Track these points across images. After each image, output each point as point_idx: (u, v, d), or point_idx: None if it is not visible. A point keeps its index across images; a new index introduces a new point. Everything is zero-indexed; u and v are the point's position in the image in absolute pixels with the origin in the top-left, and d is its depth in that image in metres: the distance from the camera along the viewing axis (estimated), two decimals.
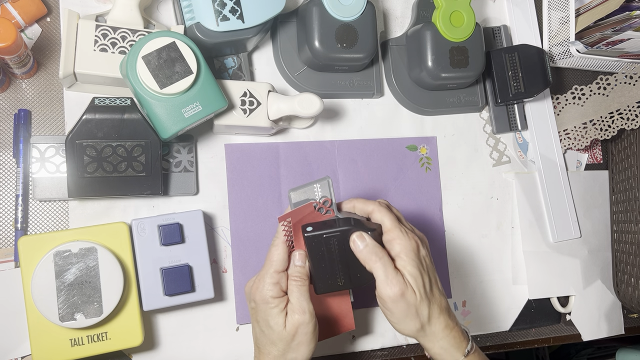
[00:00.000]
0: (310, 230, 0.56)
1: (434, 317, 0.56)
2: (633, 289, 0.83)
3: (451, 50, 0.74)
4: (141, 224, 0.63)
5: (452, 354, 0.57)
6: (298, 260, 0.57)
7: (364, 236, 0.55)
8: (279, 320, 0.55)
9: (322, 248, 0.57)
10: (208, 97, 0.62)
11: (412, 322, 0.56)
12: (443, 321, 0.57)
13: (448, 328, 0.57)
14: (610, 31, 0.83)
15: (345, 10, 0.70)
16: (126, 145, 0.62)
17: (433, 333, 0.57)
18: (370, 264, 0.55)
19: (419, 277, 0.55)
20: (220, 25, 0.64)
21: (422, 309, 0.56)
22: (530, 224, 0.83)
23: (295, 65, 0.75)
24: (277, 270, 0.56)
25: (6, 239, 0.64)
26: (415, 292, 0.55)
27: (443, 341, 0.57)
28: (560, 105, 0.86)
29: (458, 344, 0.57)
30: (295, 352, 0.56)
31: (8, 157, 0.65)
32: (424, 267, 0.57)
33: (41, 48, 0.67)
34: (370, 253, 0.55)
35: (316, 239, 0.56)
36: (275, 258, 0.56)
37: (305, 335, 0.55)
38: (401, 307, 0.55)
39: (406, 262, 0.55)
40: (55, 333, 0.59)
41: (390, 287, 0.54)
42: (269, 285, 0.56)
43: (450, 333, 0.57)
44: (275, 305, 0.55)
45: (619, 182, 0.88)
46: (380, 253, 0.55)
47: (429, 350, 0.58)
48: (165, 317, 0.68)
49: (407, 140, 0.80)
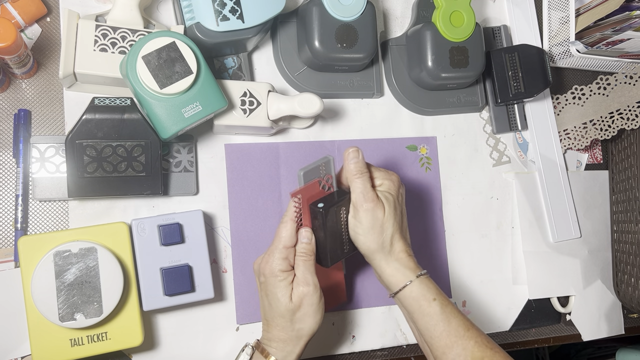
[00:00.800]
0: (322, 206, 0.61)
1: (395, 238, 0.61)
2: (633, 289, 0.83)
3: (451, 50, 0.74)
4: (141, 224, 0.63)
5: (404, 274, 0.61)
6: (304, 237, 0.60)
7: (358, 152, 0.61)
8: (286, 292, 0.59)
9: (333, 220, 0.62)
10: (208, 97, 0.62)
11: (375, 236, 0.60)
12: (402, 246, 0.62)
13: (405, 252, 0.62)
14: (610, 31, 0.83)
15: (345, 10, 0.70)
16: (126, 145, 0.62)
17: (391, 253, 0.61)
18: (354, 177, 0.61)
19: (391, 201, 0.61)
20: (220, 25, 0.64)
21: (387, 227, 0.60)
22: (530, 224, 0.83)
23: (295, 65, 0.75)
24: (285, 246, 0.59)
25: (6, 239, 0.64)
26: (385, 211, 0.60)
27: (397, 263, 0.61)
28: (560, 105, 0.86)
29: (412, 267, 0.61)
30: (302, 322, 0.59)
31: (8, 157, 0.65)
32: (399, 199, 0.63)
33: (41, 48, 0.67)
34: (358, 167, 0.61)
35: (330, 213, 0.61)
36: (284, 234, 0.59)
37: (311, 307, 0.58)
38: (369, 218, 0.60)
39: (384, 189, 0.62)
40: (55, 333, 0.59)
41: (365, 198, 0.60)
42: (278, 259, 0.59)
43: (406, 257, 0.62)
44: (284, 279, 0.59)
45: (619, 182, 0.88)
46: (364, 170, 0.61)
47: (383, 271, 0.62)
48: (165, 317, 0.68)
49: (407, 140, 0.80)
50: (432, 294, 0.60)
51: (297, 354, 0.60)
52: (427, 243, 0.79)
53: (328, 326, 0.73)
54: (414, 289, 0.60)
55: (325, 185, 0.61)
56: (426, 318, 0.60)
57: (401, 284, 0.61)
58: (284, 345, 0.59)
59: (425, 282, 0.61)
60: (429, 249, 0.79)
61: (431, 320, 0.59)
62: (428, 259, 0.79)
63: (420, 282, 0.60)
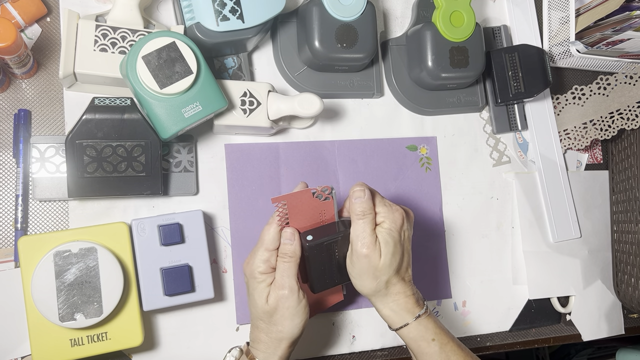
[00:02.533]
0: (311, 239, 0.59)
1: (391, 284, 0.60)
2: (633, 289, 0.83)
3: (451, 50, 0.74)
4: (141, 224, 0.63)
5: (401, 316, 0.60)
6: (286, 239, 0.58)
7: (364, 191, 0.58)
8: (263, 294, 0.58)
9: (322, 254, 0.60)
10: (208, 97, 0.62)
11: (368, 282, 0.59)
12: (399, 288, 0.60)
13: (402, 294, 0.60)
14: (610, 31, 0.83)
15: (345, 10, 0.70)
16: (126, 145, 0.62)
17: (386, 295, 0.60)
18: (357, 218, 0.58)
19: (391, 245, 0.58)
20: (220, 25, 0.64)
21: (383, 274, 0.59)
22: (530, 224, 0.83)
23: (295, 65, 0.75)
24: (267, 249, 0.58)
25: (6, 239, 0.64)
26: (381, 258, 0.58)
27: (393, 304, 0.60)
28: (560, 105, 0.86)
29: (410, 309, 0.60)
30: (280, 325, 0.58)
31: (8, 157, 0.65)
32: (401, 239, 0.60)
33: (41, 48, 0.67)
34: (362, 207, 0.58)
35: (317, 247, 0.60)
36: (266, 237, 0.59)
37: (287, 310, 0.57)
38: (363, 264, 0.58)
39: (385, 230, 0.59)
40: (55, 333, 0.59)
41: (362, 244, 0.58)
42: (258, 261, 0.59)
43: (404, 299, 0.60)
44: (262, 280, 0.58)
45: (619, 182, 0.88)
46: (368, 211, 0.58)
47: (379, 311, 0.61)
48: (165, 317, 0.68)
49: (407, 140, 0.80)
50: (431, 334, 0.60)
51: (279, 356, 0.59)
52: (427, 243, 0.79)
53: (328, 326, 0.74)
54: (412, 330, 0.60)
55: (321, 195, 0.59)
56: (425, 357, 0.60)
57: (398, 325, 0.60)
58: (266, 347, 0.59)
59: (423, 322, 0.60)
60: (429, 249, 0.79)
61: (430, 358, 0.60)
62: (428, 259, 0.79)
63: (418, 323, 0.60)
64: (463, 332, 0.79)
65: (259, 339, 0.59)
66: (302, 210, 0.59)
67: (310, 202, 0.59)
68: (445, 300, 0.79)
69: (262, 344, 0.59)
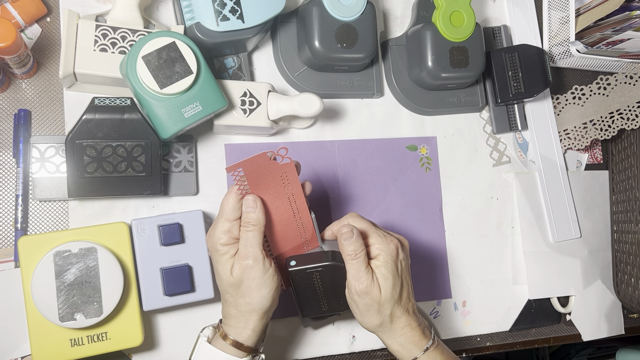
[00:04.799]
0: (294, 264, 0.59)
1: (395, 316, 0.59)
2: (633, 289, 0.83)
3: (451, 50, 0.74)
4: (141, 224, 0.63)
5: (410, 350, 0.59)
6: (248, 207, 0.56)
7: (352, 232, 0.57)
8: (227, 266, 0.56)
9: (305, 280, 0.60)
10: (208, 97, 0.62)
11: (373, 318, 0.58)
12: (405, 321, 0.59)
13: (408, 327, 0.59)
14: (610, 31, 0.83)
15: (345, 10, 0.70)
16: (126, 145, 0.62)
17: (392, 330, 0.59)
18: (349, 258, 0.58)
19: (389, 278, 0.58)
20: (220, 25, 0.64)
21: (386, 308, 0.58)
22: (530, 224, 0.83)
23: (295, 65, 0.75)
24: (228, 219, 0.56)
25: (6, 239, 0.64)
26: (381, 292, 0.57)
27: (401, 338, 0.59)
28: (560, 105, 0.86)
29: (417, 342, 0.59)
30: (247, 296, 0.56)
31: (8, 157, 0.65)
32: (398, 270, 0.59)
33: (41, 48, 0.67)
34: (353, 247, 0.57)
35: (299, 273, 0.60)
36: (226, 207, 0.57)
37: (253, 280, 0.55)
38: (365, 302, 0.58)
39: (381, 263, 0.58)
40: (55, 333, 0.59)
41: (359, 283, 0.57)
42: (219, 233, 0.57)
43: (410, 332, 0.59)
44: (225, 252, 0.57)
45: (619, 182, 0.88)
46: (359, 249, 0.57)
47: (388, 346, 0.61)
48: (165, 317, 0.68)
49: (407, 140, 0.80)
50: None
51: (251, 329, 0.57)
52: (427, 243, 0.79)
53: (328, 326, 0.73)
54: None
55: (279, 157, 0.56)
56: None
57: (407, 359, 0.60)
58: (236, 321, 0.57)
59: (432, 355, 0.59)
60: (429, 249, 0.79)
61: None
62: (428, 259, 0.79)
63: (427, 356, 0.59)
64: (463, 332, 0.79)
65: (229, 313, 0.58)
66: (261, 176, 0.56)
67: (268, 166, 0.56)
68: (445, 300, 0.79)
69: (233, 318, 0.57)
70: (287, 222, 0.60)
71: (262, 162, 0.55)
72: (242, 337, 0.57)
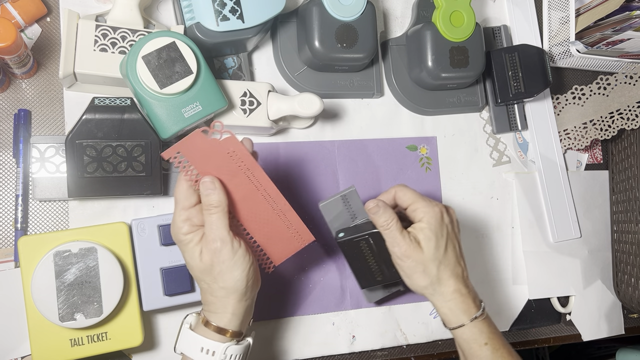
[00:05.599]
0: (342, 236, 0.63)
1: (443, 278, 0.61)
2: (633, 289, 0.83)
3: (451, 50, 0.74)
4: (141, 224, 0.63)
5: (457, 316, 0.61)
6: (206, 189, 0.54)
7: (378, 206, 0.61)
8: (195, 254, 0.55)
9: (354, 250, 0.64)
10: (208, 97, 0.62)
11: (420, 279, 0.61)
12: (453, 284, 0.61)
13: (458, 292, 0.61)
14: (610, 31, 0.83)
15: (345, 10, 0.70)
16: (126, 145, 0.62)
17: (442, 293, 0.61)
18: (382, 229, 0.61)
19: (432, 239, 0.60)
20: (220, 25, 0.64)
21: (430, 268, 0.60)
22: (530, 224, 0.83)
23: (295, 65, 0.75)
24: (183, 207, 0.55)
25: (6, 239, 0.64)
26: (424, 252, 0.60)
27: (451, 303, 0.61)
28: (560, 105, 0.86)
29: (466, 309, 0.61)
30: (221, 281, 0.55)
31: (8, 157, 0.65)
32: (443, 232, 0.61)
33: (41, 48, 0.67)
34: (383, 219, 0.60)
35: (347, 244, 0.63)
36: (178, 195, 0.55)
37: (223, 263, 0.54)
38: (409, 264, 0.60)
39: (425, 225, 0.61)
40: (55, 333, 0.59)
41: (398, 247, 0.60)
42: (178, 223, 0.55)
43: (460, 298, 0.61)
44: (190, 241, 0.55)
45: (619, 182, 0.88)
46: (390, 218, 0.60)
47: (438, 310, 0.62)
48: (165, 317, 0.68)
49: (407, 140, 0.80)
50: (484, 338, 0.60)
51: (230, 312, 0.55)
52: None
53: (328, 326, 0.74)
54: (466, 332, 0.60)
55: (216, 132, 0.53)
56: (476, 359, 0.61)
57: (453, 325, 0.61)
58: (215, 307, 0.56)
59: (478, 325, 0.60)
60: None
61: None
62: None
63: (474, 325, 0.60)
64: None
65: (207, 300, 0.56)
66: (205, 156, 0.54)
67: (209, 145, 0.53)
68: None
69: (211, 304, 0.56)
70: (251, 197, 0.57)
71: (200, 142, 0.53)
72: (223, 322, 0.55)
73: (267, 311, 0.71)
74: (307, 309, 0.73)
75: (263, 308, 0.71)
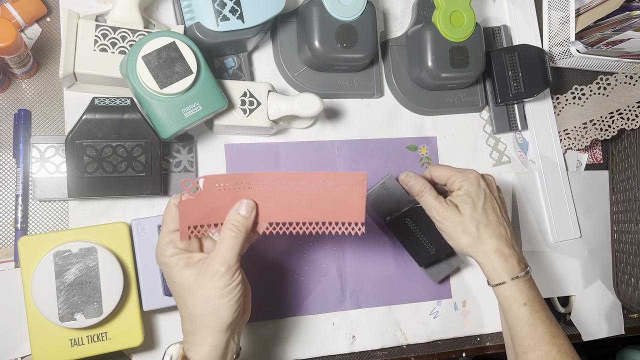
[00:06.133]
0: (389, 218, 0.70)
1: (484, 237, 0.63)
2: (633, 289, 0.83)
3: (451, 50, 0.74)
4: (141, 224, 0.63)
5: (499, 274, 0.62)
6: (243, 210, 0.52)
7: (409, 176, 0.66)
8: (183, 275, 0.52)
9: (402, 228, 0.70)
10: (208, 97, 0.62)
11: (461, 238, 0.63)
12: (495, 244, 0.63)
13: (500, 252, 0.62)
14: (610, 31, 0.83)
15: (345, 10, 0.70)
16: (126, 145, 0.62)
17: (485, 252, 0.63)
18: (417, 197, 0.65)
19: (468, 202, 0.63)
20: (220, 25, 0.64)
21: (470, 227, 0.63)
22: (530, 224, 0.83)
23: (295, 65, 0.75)
24: (169, 230, 0.53)
25: (6, 239, 0.64)
26: (462, 213, 0.63)
27: (495, 261, 0.62)
28: (560, 105, 0.86)
29: (509, 269, 0.62)
30: (201, 307, 0.51)
31: (8, 157, 0.65)
32: (480, 195, 0.64)
33: (41, 48, 0.67)
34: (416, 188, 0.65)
35: (394, 223, 0.70)
36: (165, 219, 0.54)
37: (214, 289, 0.50)
38: (448, 226, 0.63)
39: (462, 192, 0.64)
40: (55, 333, 0.59)
41: (435, 211, 0.64)
42: (163, 246, 0.53)
43: (502, 256, 0.62)
44: (175, 264, 0.52)
45: (619, 182, 0.88)
46: (423, 187, 0.65)
47: (481, 266, 0.64)
48: (165, 317, 0.68)
49: (407, 140, 0.80)
50: (524, 298, 0.61)
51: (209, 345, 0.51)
52: None
53: (328, 326, 0.74)
54: (507, 289, 0.62)
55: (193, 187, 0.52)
56: (514, 318, 0.62)
57: (495, 282, 0.63)
58: (193, 337, 0.52)
59: (519, 285, 0.61)
60: None
61: (518, 321, 0.61)
62: None
63: (515, 284, 0.61)
64: (463, 332, 0.79)
65: (186, 329, 0.53)
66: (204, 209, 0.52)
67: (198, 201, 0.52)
68: (445, 300, 0.79)
69: (190, 334, 0.52)
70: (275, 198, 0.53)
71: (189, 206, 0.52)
72: (199, 356, 0.51)
73: (267, 311, 0.71)
74: (307, 309, 0.73)
75: (263, 308, 0.71)
